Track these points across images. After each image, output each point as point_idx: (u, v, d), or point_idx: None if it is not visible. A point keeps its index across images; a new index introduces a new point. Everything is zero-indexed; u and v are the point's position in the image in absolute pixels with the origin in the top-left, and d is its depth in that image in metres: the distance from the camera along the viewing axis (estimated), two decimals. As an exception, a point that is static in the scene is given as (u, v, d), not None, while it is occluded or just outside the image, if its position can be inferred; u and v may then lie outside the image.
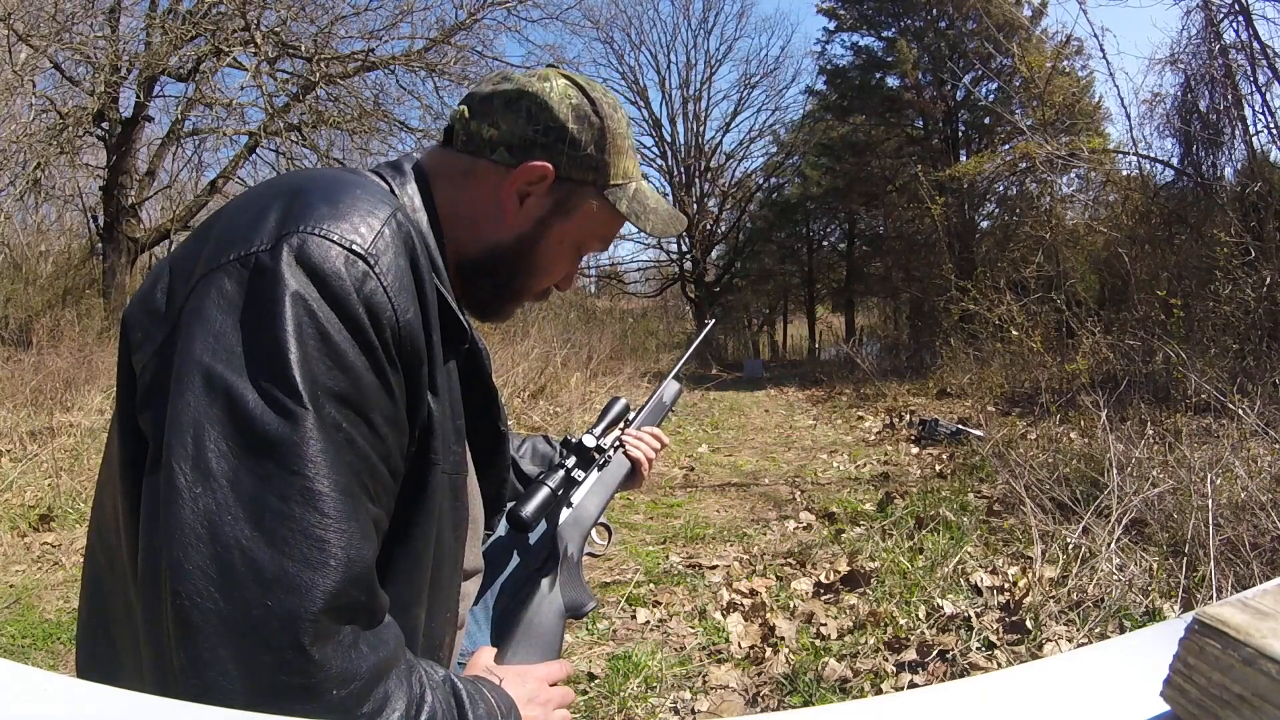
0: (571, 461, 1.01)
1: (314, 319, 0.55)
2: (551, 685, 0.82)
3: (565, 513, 0.99)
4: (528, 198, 0.78)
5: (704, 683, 1.95)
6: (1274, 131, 6.82)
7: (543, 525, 0.99)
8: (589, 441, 1.04)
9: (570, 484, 1.00)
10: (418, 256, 0.63)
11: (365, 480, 0.57)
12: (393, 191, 0.73)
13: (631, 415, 1.17)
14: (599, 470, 1.05)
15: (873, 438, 6.20)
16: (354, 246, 0.58)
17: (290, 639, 0.49)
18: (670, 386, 1.26)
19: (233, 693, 0.48)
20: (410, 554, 0.67)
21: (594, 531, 1.03)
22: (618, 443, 1.09)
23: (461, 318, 0.69)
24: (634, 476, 1.12)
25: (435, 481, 0.67)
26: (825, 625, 2.23)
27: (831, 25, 17.13)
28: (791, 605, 2.44)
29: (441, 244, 0.75)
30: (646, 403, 1.22)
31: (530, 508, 0.90)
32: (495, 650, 0.87)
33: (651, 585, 2.71)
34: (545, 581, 0.95)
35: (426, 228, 0.74)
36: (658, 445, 1.16)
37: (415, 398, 0.63)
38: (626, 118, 0.84)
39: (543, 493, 0.92)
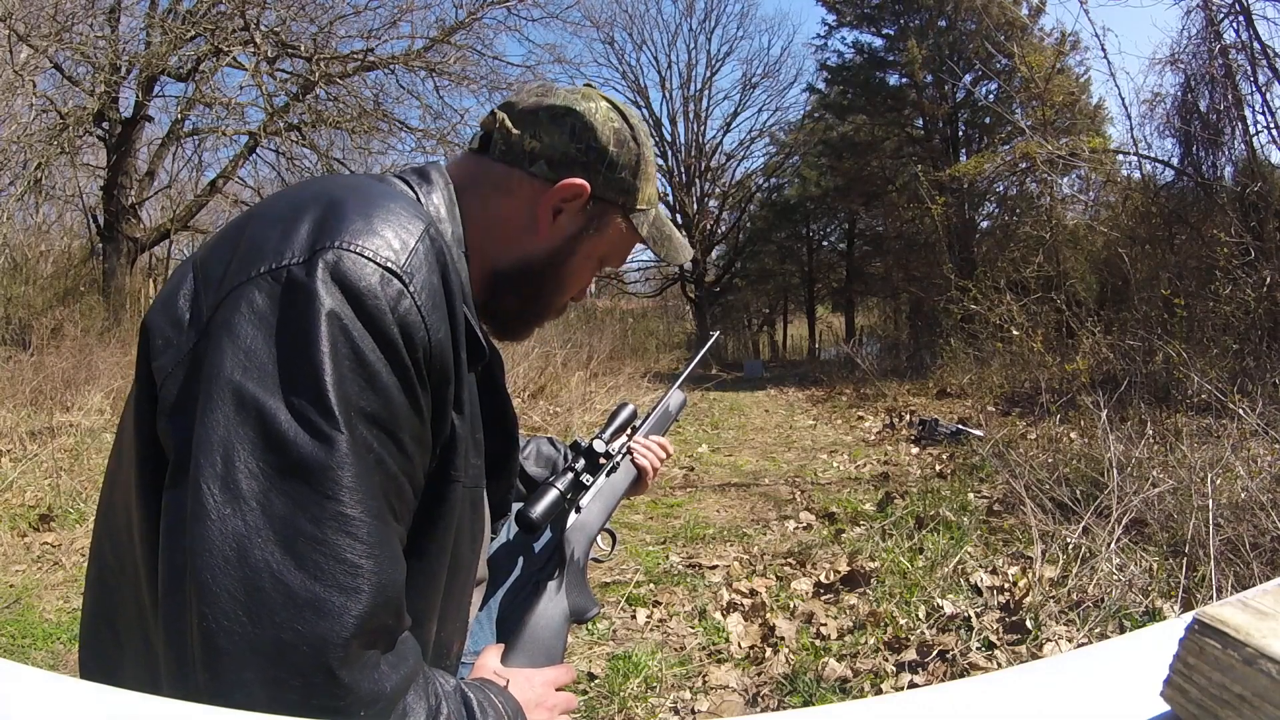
0: (580, 465, 1.01)
1: (349, 338, 0.54)
2: (556, 690, 0.82)
3: (572, 517, 0.99)
4: (560, 213, 0.79)
5: (704, 683, 1.95)
6: (1274, 131, 6.83)
7: (548, 530, 0.99)
8: (599, 447, 1.03)
9: (578, 488, 1.00)
10: (449, 272, 0.62)
11: (393, 500, 0.57)
12: (419, 200, 0.73)
13: (638, 422, 1.17)
14: (606, 476, 1.05)
15: (873, 438, 6.20)
16: (389, 264, 0.57)
17: (320, 664, 0.49)
18: (675, 396, 1.26)
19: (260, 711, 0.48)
20: (426, 568, 0.66)
21: (599, 537, 1.03)
22: (625, 449, 1.09)
23: (481, 336, 0.68)
24: (638, 484, 1.12)
25: (454, 497, 0.67)
26: (825, 625, 2.23)
27: (832, 19, 17.14)
28: (791, 605, 2.44)
29: (466, 254, 0.75)
30: (653, 410, 1.22)
31: (539, 510, 0.90)
32: (502, 648, 0.87)
33: (651, 585, 2.71)
34: (550, 585, 0.94)
35: (452, 239, 0.73)
36: (664, 455, 1.16)
37: (440, 416, 0.63)
38: (654, 153, 0.87)
39: (552, 495, 0.92)
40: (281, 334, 0.54)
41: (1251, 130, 7.01)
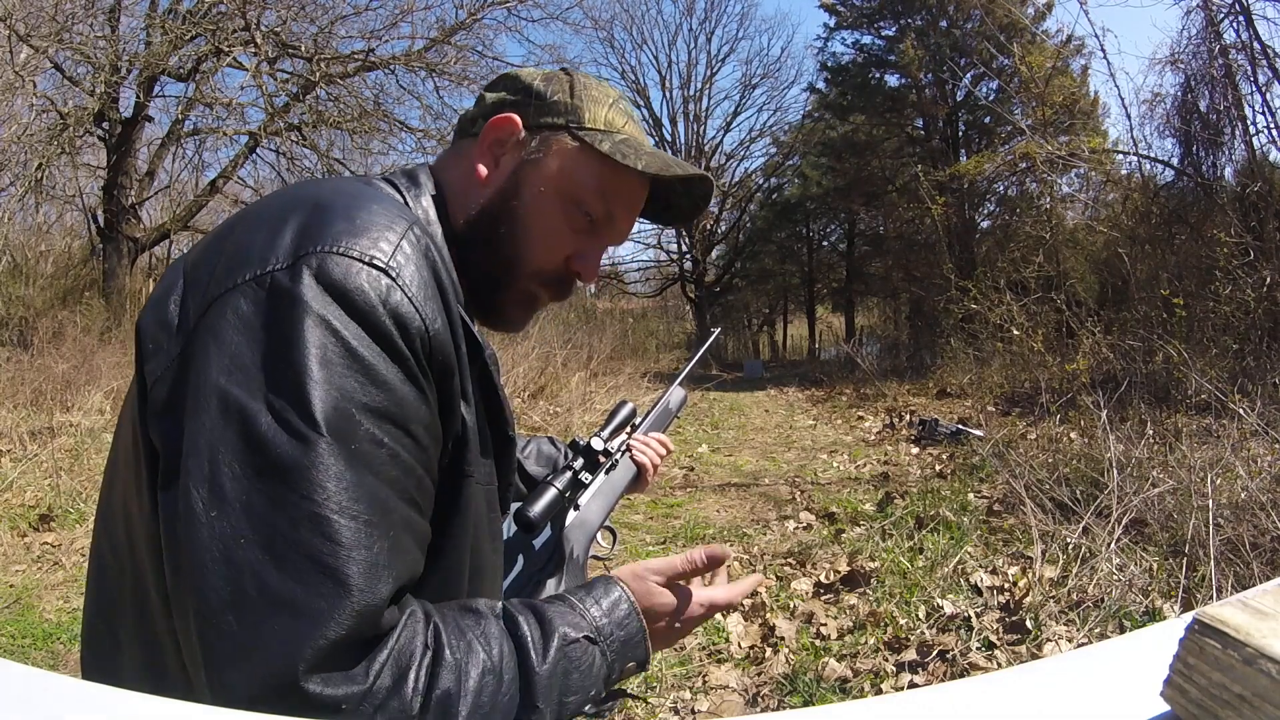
0: (579, 464, 1.00)
1: (339, 338, 0.54)
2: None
3: (571, 515, 0.99)
4: (502, 156, 0.77)
5: (704, 683, 1.95)
6: (1274, 131, 6.83)
7: (547, 528, 0.99)
8: (597, 444, 1.03)
9: (577, 486, 1.00)
10: (439, 268, 0.62)
11: (413, 494, 0.57)
12: (407, 204, 0.73)
13: (638, 420, 1.17)
14: (606, 474, 1.05)
15: (873, 438, 6.20)
16: (374, 261, 0.57)
17: (291, 666, 0.49)
18: (676, 394, 1.26)
19: (258, 710, 0.48)
20: (444, 568, 0.65)
21: (599, 535, 1.03)
22: (625, 447, 1.09)
23: (475, 333, 0.68)
24: (639, 481, 1.12)
25: (470, 493, 0.66)
26: (825, 625, 2.23)
27: (832, 21, 17.15)
28: (791, 605, 2.44)
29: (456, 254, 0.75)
30: (653, 408, 1.22)
31: (538, 508, 0.89)
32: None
33: (651, 585, 2.70)
34: (550, 583, 0.94)
35: (442, 240, 0.73)
36: (664, 452, 1.16)
37: (448, 409, 0.62)
38: (621, 97, 0.82)
39: (550, 494, 0.91)
40: (265, 339, 0.54)
41: (1251, 130, 7.02)
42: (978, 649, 1.98)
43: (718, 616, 2.34)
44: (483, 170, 0.77)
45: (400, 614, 0.56)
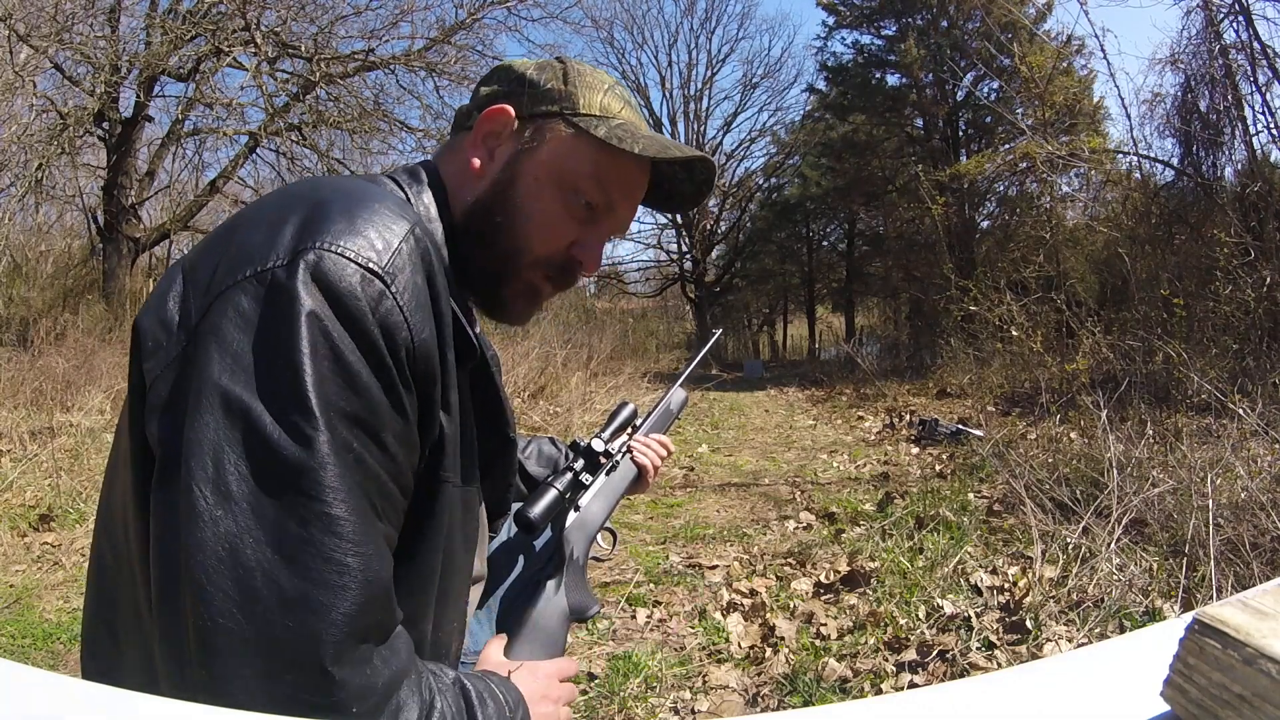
0: (579, 465, 1.00)
1: (328, 339, 0.55)
2: (560, 681, 0.82)
3: (572, 516, 0.99)
4: (497, 148, 0.77)
5: (704, 683, 1.95)
6: (1274, 131, 6.83)
7: (548, 529, 0.99)
8: (598, 445, 1.03)
9: (578, 487, 1.00)
10: (435, 272, 0.63)
11: (375, 500, 0.57)
12: (408, 200, 0.72)
13: (638, 421, 1.17)
14: (606, 475, 1.05)
15: (873, 438, 6.20)
16: (370, 264, 0.57)
17: (312, 659, 0.50)
18: (677, 395, 1.26)
19: (256, 709, 0.49)
20: (418, 570, 0.66)
21: (599, 536, 1.03)
22: (625, 448, 1.09)
23: (472, 335, 0.68)
24: (639, 482, 1.12)
25: (446, 498, 0.67)
26: (825, 625, 2.23)
27: (831, 21, 17.14)
28: (791, 605, 2.44)
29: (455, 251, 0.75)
30: (654, 409, 1.22)
31: (538, 509, 0.89)
32: (505, 640, 0.86)
33: (651, 585, 2.71)
34: (550, 584, 0.94)
35: (441, 239, 0.73)
36: (664, 453, 1.16)
37: (427, 416, 0.63)
38: (617, 83, 0.81)
39: (551, 495, 0.91)
40: (264, 336, 0.54)
41: (1251, 130, 7.02)
42: (978, 649, 1.98)
43: (717, 615, 2.35)
44: (476, 163, 0.77)
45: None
